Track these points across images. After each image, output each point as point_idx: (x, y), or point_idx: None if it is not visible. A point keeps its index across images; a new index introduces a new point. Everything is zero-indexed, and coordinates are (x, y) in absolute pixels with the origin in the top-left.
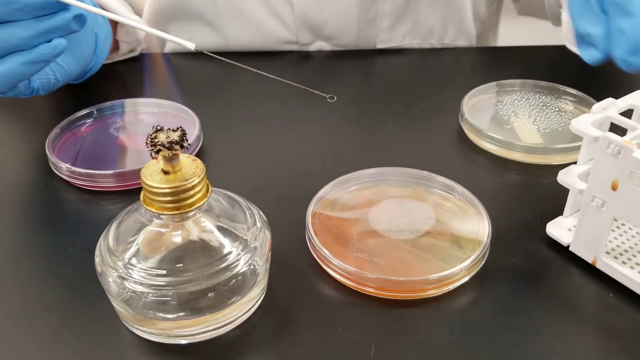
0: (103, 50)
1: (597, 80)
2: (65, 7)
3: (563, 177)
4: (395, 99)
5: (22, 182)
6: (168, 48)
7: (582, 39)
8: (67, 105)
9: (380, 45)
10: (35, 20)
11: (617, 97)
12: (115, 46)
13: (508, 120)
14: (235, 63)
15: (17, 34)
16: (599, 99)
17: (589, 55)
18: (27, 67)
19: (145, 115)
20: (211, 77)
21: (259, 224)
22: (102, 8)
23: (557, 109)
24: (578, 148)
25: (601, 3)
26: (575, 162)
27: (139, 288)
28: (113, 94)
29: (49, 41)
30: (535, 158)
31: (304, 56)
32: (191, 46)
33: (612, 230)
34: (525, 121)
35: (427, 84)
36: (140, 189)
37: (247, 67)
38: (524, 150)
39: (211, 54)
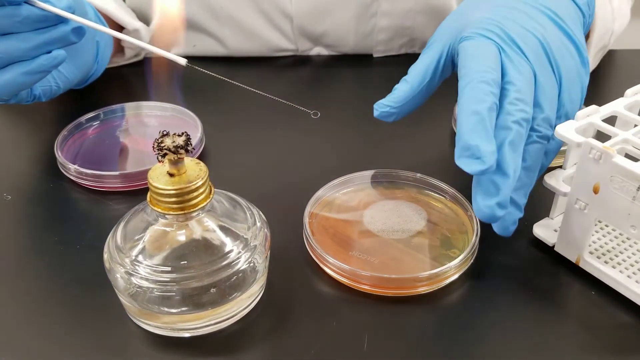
0: (104, 56)
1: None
2: (64, 20)
3: (548, 181)
4: None
5: (32, 182)
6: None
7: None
8: (73, 109)
9: (377, 55)
10: (35, 32)
11: (603, 104)
12: (121, 51)
13: None
14: (228, 80)
15: (18, 46)
16: (588, 104)
17: (472, 167)
18: (27, 77)
19: (149, 118)
20: (212, 80)
21: (258, 224)
22: (105, 14)
23: None
24: (564, 152)
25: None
26: (562, 166)
27: (145, 283)
28: (118, 97)
29: (49, 52)
30: None
31: (303, 60)
32: (182, 62)
33: (596, 231)
34: None
35: None
36: (145, 189)
37: (242, 85)
38: None
39: (204, 71)
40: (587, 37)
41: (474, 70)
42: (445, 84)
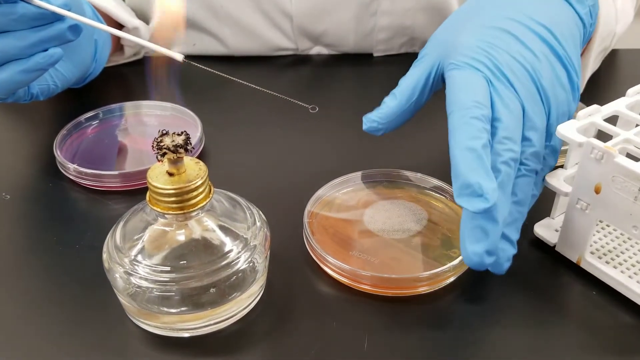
0: (103, 55)
1: (588, 86)
2: (61, 17)
3: (550, 180)
4: None
5: (31, 182)
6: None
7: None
8: (72, 108)
9: (377, 54)
10: (32, 30)
11: (604, 103)
12: (120, 49)
13: None
14: (224, 75)
15: (14, 44)
16: (589, 104)
17: (475, 206)
18: (24, 75)
19: (148, 117)
20: (212, 80)
21: (258, 224)
22: (105, 12)
23: None
24: (566, 152)
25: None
26: (563, 166)
27: (144, 283)
28: (118, 97)
29: (46, 50)
30: None
31: (303, 59)
32: (179, 57)
33: (597, 231)
34: None
35: None
36: (144, 189)
37: (239, 80)
38: None
39: (199, 65)
40: (588, 42)
41: (464, 106)
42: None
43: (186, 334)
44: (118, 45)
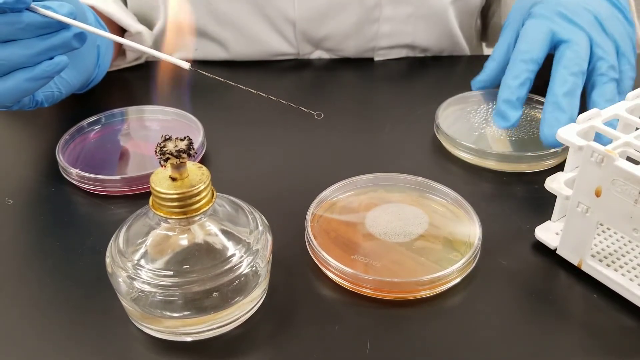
0: (105, 61)
1: None
2: (66, 25)
3: (550, 184)
4: (393, 106)
5: (34, 186)
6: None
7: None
8: (75, 113)
9: (378, 58)
10: (38, 38)
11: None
12: (122, 54)
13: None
14: (230, 82)
15: (20, 52)
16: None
17: (500, 124)
18: (30, 83)
19: (151, 122)
20: (214, 84)
21: (260, 228)
22: (108, 17)
23: (529, 118)
24: (551, 155)
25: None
26: (548, 169)
27: (147, 288)
28: (120, 101)
29: (51, 58)
30: (508, 167)
31: (304, 63)
32: (185, 65)
33: (598, 234)
34: (494, 130)
35: (425, 90)
36: (147, 193)
37: (245, 87)
38: (497, 158)
39: (206, 74)
40: None
41: (518, 50)
42: (449, 87)
43: (189, 338)
44: (120, 49)
